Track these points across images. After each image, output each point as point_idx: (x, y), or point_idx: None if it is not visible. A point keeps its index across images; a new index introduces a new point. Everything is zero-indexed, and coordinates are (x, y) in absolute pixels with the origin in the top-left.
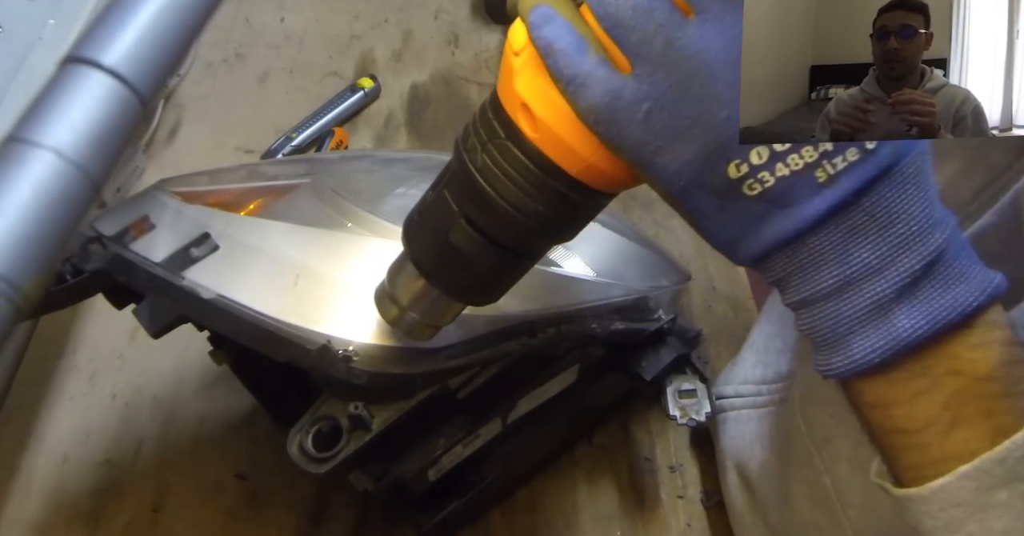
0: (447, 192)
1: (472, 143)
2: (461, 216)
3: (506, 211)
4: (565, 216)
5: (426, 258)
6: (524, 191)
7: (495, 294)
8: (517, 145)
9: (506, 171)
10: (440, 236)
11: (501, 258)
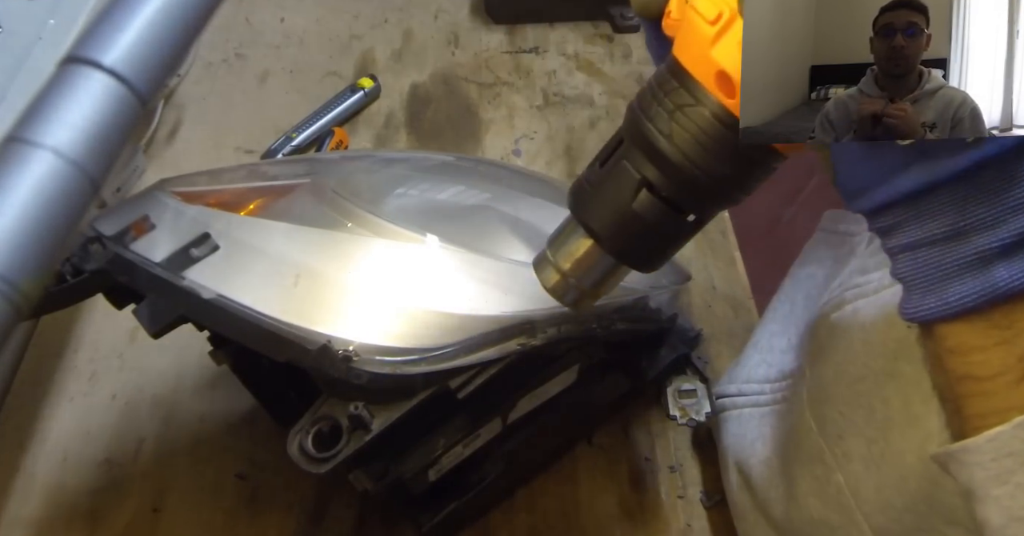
0: (627, 161)
1: (656, 111)
2: (644, 182)
3: (694, 175)
4: (746, 178)
5: (601, 224)
6: (714, 155)
7: (664, 259)
8: (711, 111)
9: (697, 136)
10: (620, 203)
11: (679, 223)
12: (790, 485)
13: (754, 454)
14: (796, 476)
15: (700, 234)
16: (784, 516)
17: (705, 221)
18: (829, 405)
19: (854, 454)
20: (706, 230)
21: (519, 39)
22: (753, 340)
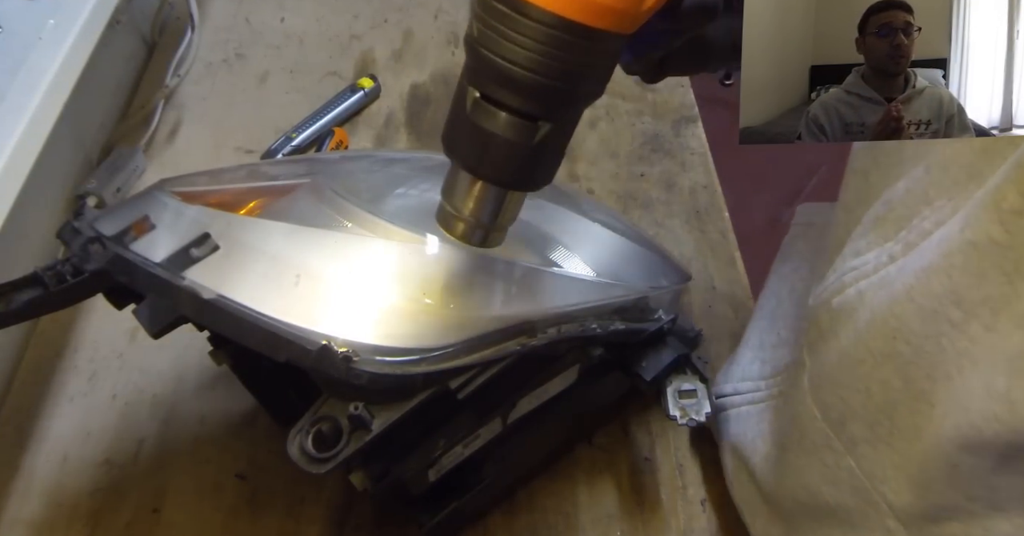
0: (464, 81)
1: (470, 23)
2: (482, 97)
3: (511, 70)
4: (564, 61)
5: (469, 156)
6: (515, 42)
7: (545, 173)
8: (507, 4)
9: (499, 31)
10: (465, 123)
11: (524, 127)
12: (798, 475)
13: (756, 451)
14: (804, 466)
15: (700, 234)
16: (797, 508)
17: (566, 120)
18: (829, 390)
19: (858, 437)
20: (706, 230)
21: None
22: (744, 338)
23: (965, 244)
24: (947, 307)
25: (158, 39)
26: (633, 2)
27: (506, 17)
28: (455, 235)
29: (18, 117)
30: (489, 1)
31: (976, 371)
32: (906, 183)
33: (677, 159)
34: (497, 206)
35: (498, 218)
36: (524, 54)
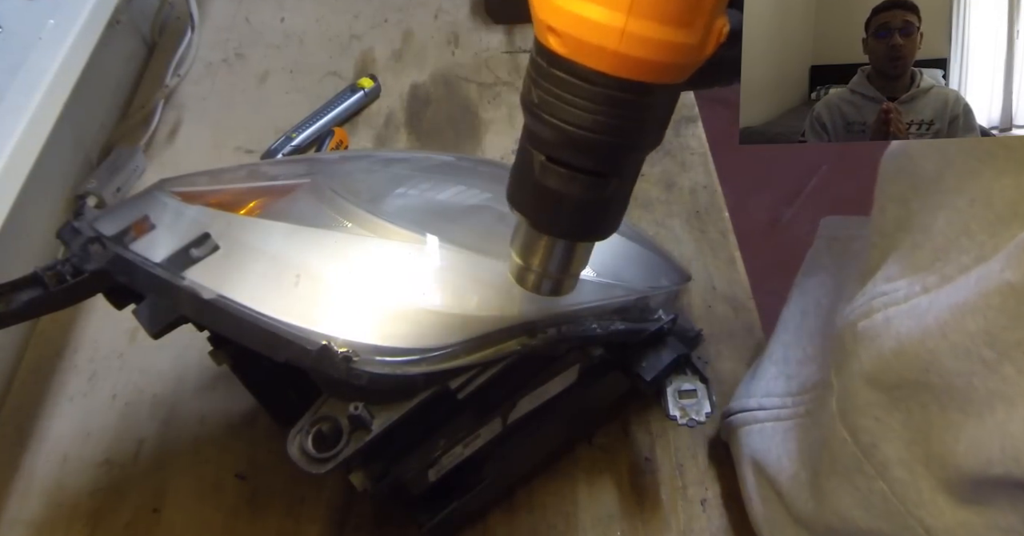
0: (525, 143)
1: (527, 87)
2: (542, 156)
3: (574, 133)
4: (627, 119)
5: (532, 212)
6: (577, 107)
7: (609, 223)
8: (557, 67)
9: (557, 95)
10: (533, 184)
11: (592, 184)
12: (828, 499)
13: (782, 470)
14: (834, 489)
15: (700, 234)
16: (826, 530)
17: (627, 173)
18: (860, 413)
19: (892, 460)
20: (706, 230)
21: (519, 39)
22: (767, 353)
23: (1004, 285)
24: (980, 347)
25: (158, 39)
26: (696, 55)
27: (570, 85)
28: (528, 288)
29: (18, 117)
30: (548, 68)
31: (1010, 412)
32: (947, 214)
33: (677, 159)
34: (568, 258)
35: (570, 268)
36: (592, 118)
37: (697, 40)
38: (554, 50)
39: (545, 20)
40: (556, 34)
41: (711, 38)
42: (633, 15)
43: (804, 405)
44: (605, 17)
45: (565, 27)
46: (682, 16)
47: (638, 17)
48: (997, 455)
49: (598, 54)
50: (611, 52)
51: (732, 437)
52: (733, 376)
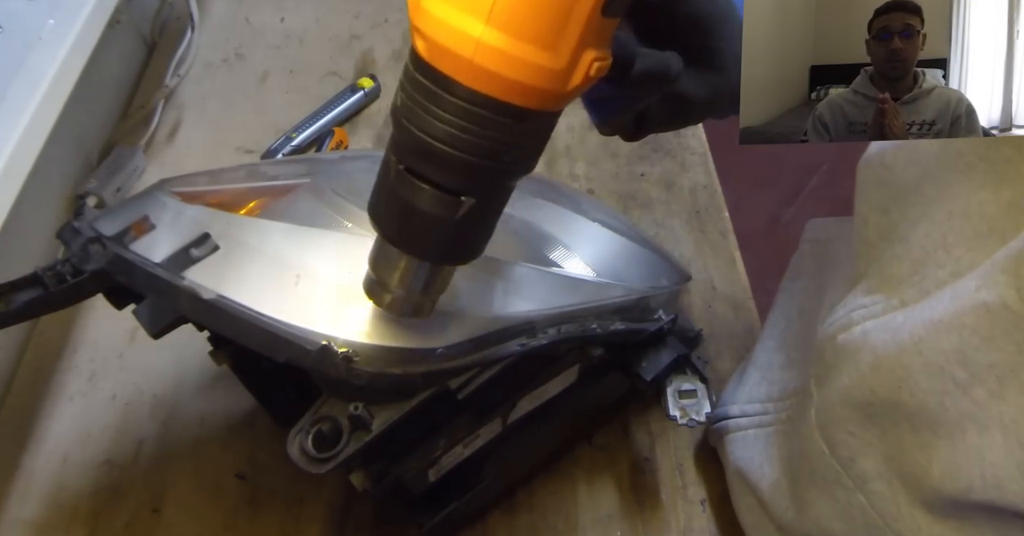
0: (388, 150)
1: (397, 92)
2: (400, 165)
3: (429, 144)
4: (482, 137)
5: (392, 228)
6: (434, 116)
7: (472, 249)
8: (420, 71)
9: (417, 101)
10: (393, 197)
11: (443, 201)
12: (808, 509)
13: (764, 477)
14: (814, 500)
15: (700, 234)
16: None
17: (494, 196)
18: (839, 426)
19: (870, 473)
20: (706, 230)
21: None
22: (753, 358)
23: (979, 305)
24: (953, 366)
25: (158, 39)
26: (558, 82)
27: (429, 92)
28: (382, 307)
29: (18, 117)
30: (414, 75)
31: (982, 436)
32: (926, 225)
33: (677, 159)
34: (425, 279)
35: (427, 291)
36: (446, 130)
37: (559, 66)
38: (418, 52)
39: (412, 19)
40: (420, 35)
41: (578, 69)
42: (491, 25)
43: (785, 411)
44: (462, 23)
45: (427, 28)
46: (543, 37)
47: (495, 28)
48: (977, 483)
49: (454, 61)
50: (466, 61)
51: (719, 444)
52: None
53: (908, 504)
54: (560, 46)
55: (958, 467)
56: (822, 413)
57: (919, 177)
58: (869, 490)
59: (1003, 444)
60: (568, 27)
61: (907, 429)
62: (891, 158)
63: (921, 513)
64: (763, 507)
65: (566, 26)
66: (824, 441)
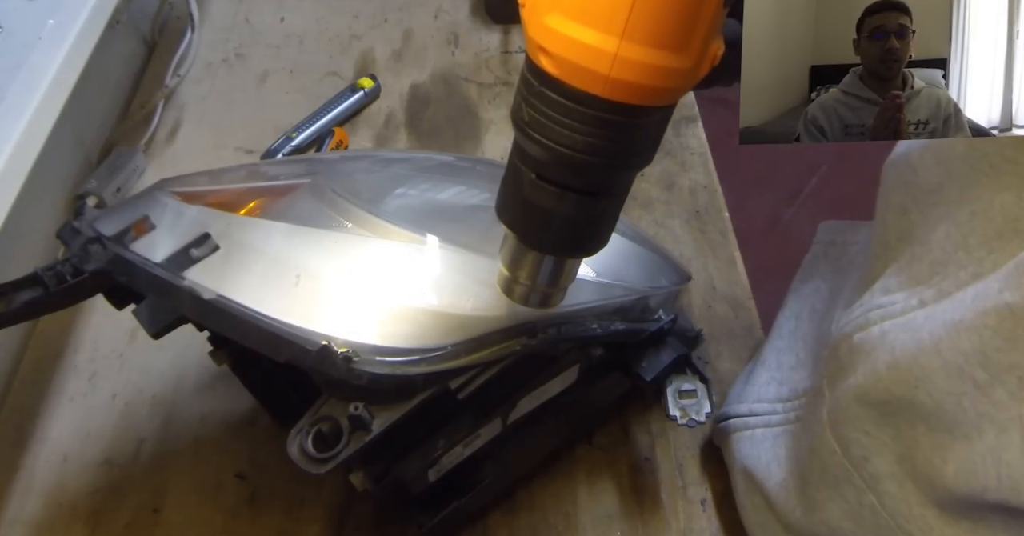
0: (514, 158)
1: (518, 103)
2: (532, 173)
3: (564, 153)
4: (618, 140)
5: (521, 228)
6: (568, 128)
7: (598, 240)
8: (549, 87)
9: (548, 115)
10: (522, 200)
11: (581, 203)
12: (817, 508)
13: (771, 476)
14: (823, 499)
15: (700, 234)
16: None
17: (617, 191)
18: (852, 426)
19: (883, 473)
20: (706, 230)
21: (519, 39)
22: (760, 358)
23: (1002, 306)
24: (973, 367)
25: (158, 39)
26: (690, 79)
27: (558, 104)
28: (516, 300)
29: (18, 117)
30: (541, 90)
31: (1000, 437)
32: (946, 226)
33: (677, 159)
34: (558, 272)
35: (559, 282)
36: (583, 140)
37: (691, 64)
38: (546, 70)
39: (536, 40)
40: (548, 55)
41: (705, 61)
42: (627, 39)
43: (794, 411)
44: (598, 41)
45: (557, 49)
46: (677, 41)
47: (631, 42)
48: (993, 483)
49: (590, 77)
50: (603, 76)
51: (724, 442)
52: (733, 376)
53: (920, 504)
54: (691, 45)
55: (974, 467)
56: (835, 412)
57: (942, 177)
58: (881, 490)
59: (1021, 445)
60: (698, 26)
61: (923, 429)
62: (917, 158)
63: (933, 514)
64: (769, 506)
65: (696, 25)
66: (836, 440)
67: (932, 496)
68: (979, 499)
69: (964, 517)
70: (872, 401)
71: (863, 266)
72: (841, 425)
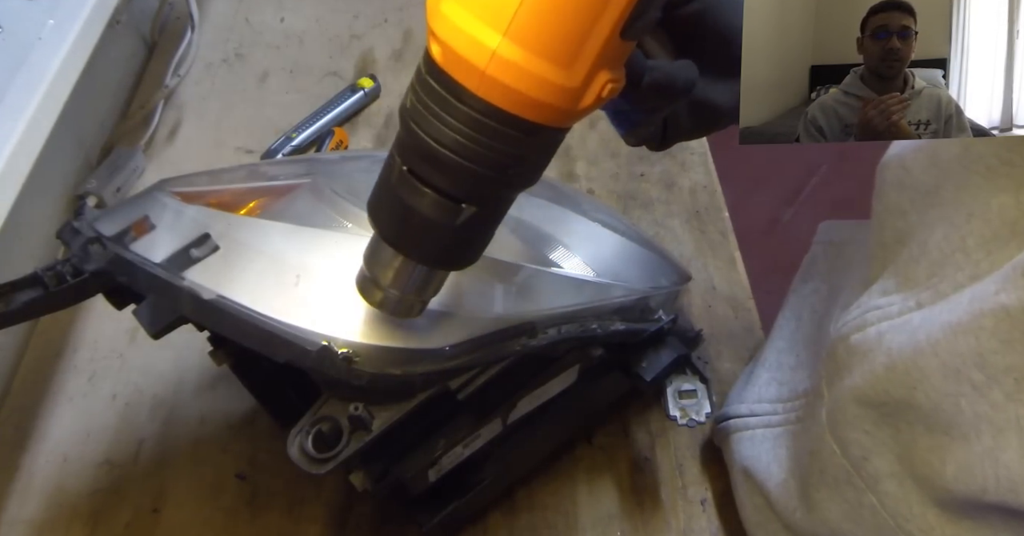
0: (392, 149)
1: (407, 93)
2: (403, 165)
3: (434, 149)
4: (488, 147)
5: (390, 228)
6: (442, 122)
7: (469, 255)
8: (431, 75)
9: (427, 105)
10: (394, 198)
11: (443, 206)
12: (817, 509)
13: (771, 477)
14: (823, 500)
15: (700, 234)
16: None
17: (495, 206)
18: (852, 426)
19: (882, 473)
20: (706, 230)
21: None
22: (761, 358)
23: (998, 308)
24: (970, 368)
25: (158, 39)
26: (569, 100)
27: (440, 97)
28: (373, 304)
29: (18, 117)
30: (425, 78)
31: (997, 439)
32: (944, 228)
33: (677, 159)
34: (420, 281)
35: (421, 292)
36: (453, 137)
37: (573, 85)
38: (432, 57)
39: (430, 23)
40: (436, 40)
41: (591, 88)
42: (508, 38)
43: (795, 412)
44: (480, 33)
45: (443, 35)
46: (560, 54)
47: (512, 41)
48: (992, 484)
49: (467, 70)
50: (480, 71)
51: (724, 443)
52: (733, 376)
53: (920, 504)
54: (575, 65)
55: (972, 469)
56: (834, 413)
57: (938, 179)
58: (880, 490)
59: (1018, 446)
60: (585, 47)
61: (921, 430)
62: (911, 160)
63: (933, 514)
64: (769, 507)
65: (583, 46)
66: (835, 441)
67: (932, 496)
68: (978, 500)
69: (964, 517)
70: (870, 402)
71: (862, 266)
72: (840, 426)
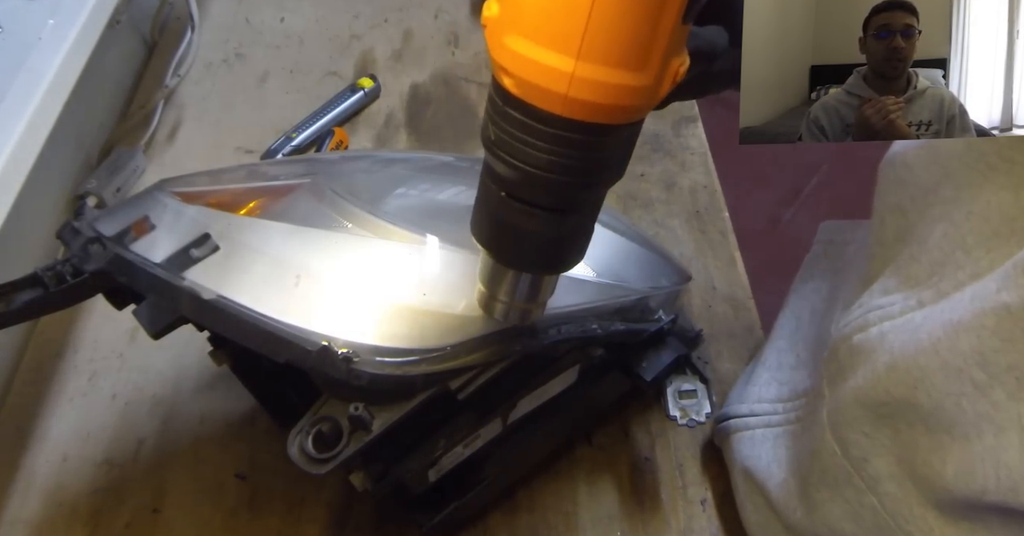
0: (484, 176)
1: (485, 122)
2: (501, 191)
3: (529, 172)
4: (582, 158)
5: (494, 246)
6: (532, 147)
7: (573, 256)
8: (511, 106)
9: (512, 134)
10: (493, 218)
11: (551, 220)
12: (818, 509)
13: (771, 477)
14: (824, 500)
15: (700, 234)
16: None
17: (586, 207)
18: (852, 427)
19: (883, 474)
20: (706, 230)
21: None
22: (761, 358)
23: (999, 306)
24: (972, 368)
25: (158, 39)
26: (649, 96)
27: (524, 125)
28: (495, 317)
29: (18, 117)
30: (504, 110)
31: (999, 438)
32: (944, 227)
33: (677, 159)
34: (535, 289)
35: (537, 297)
36: (545, 158)
37: (650, 81)
38: (508, 90)
39: (498, 60)
40: (508, 75)
41: (666, 79)
42: (582, 59)
43: (795, 412)
44: (554, 61)
45: (516, 69)
46: (633, 59)
47: (587, 61)
48: (992, 484)
49: (549, 97)
50: (561, 96)
51: (724, 443)
52: (733, 376)
53: (920, 505)
54: (649, 63)
55: (973, 468)
56: (834, 413)
57: (939, 177)
58: (881, 491)
59: (1020, 446)
60: (655, 45)
61: (921, 430)
62: (912, 158)
63: (933, 514)
64: (770, 507)
65: (653, 44)
66: (836, 441)
67: (932, 497)
68: (979, 500)
69: (964, 517)
70: (871, 402)
71: (862, 266)
72: (841, 426)
